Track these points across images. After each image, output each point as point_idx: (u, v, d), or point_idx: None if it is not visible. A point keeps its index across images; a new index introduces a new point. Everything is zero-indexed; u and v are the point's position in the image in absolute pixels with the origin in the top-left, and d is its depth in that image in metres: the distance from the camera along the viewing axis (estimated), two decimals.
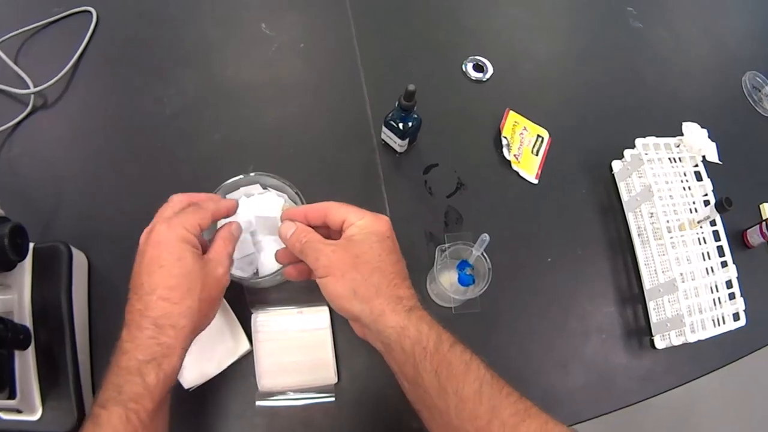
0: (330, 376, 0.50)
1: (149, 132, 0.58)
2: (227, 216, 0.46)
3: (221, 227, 0.44)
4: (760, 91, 0.83)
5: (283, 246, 0.52)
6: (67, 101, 0.58)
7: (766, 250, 0.72)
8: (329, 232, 0.43)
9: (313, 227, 0.43)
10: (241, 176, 0.52)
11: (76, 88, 0.59)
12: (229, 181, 0.52)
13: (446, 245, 0.49)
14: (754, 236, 0.69)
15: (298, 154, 0.57)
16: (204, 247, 0.41)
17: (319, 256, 0.39)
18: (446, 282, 0.51)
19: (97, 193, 0.56)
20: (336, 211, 0.41)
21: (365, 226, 0.40)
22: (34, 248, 0.49)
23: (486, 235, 0.46)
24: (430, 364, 0.34)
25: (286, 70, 0.63)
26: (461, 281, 0.49)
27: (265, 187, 0.54)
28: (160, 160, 0.57)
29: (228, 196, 0.53)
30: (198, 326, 0.38)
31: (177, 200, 0.42)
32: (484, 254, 0.48)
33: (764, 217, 0.72)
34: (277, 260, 0.46)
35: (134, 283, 0.37)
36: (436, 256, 0.48)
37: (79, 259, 0.53)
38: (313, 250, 0.39)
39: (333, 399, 0.49)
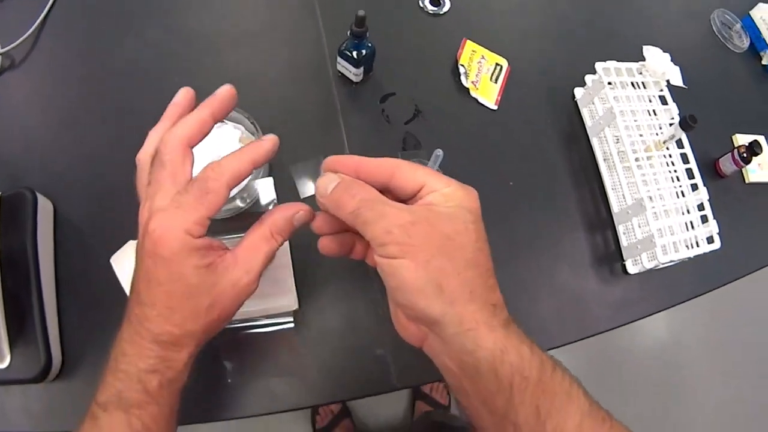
0: (291, 302, 0.49)
1: (114, 84, 0.58)
2: (258, 165, 0.33)
3: (273, 212, 0.33)
4: (730, 28, 0.82)
5: (247, 182, 0.52)
6: (34, 60, 0.59)
7: (741, 180, 0.71)
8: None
9: None
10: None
11: (42, 47, 0.59)
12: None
13: None
14: (726, 164, 0.68)
15: (256, 92, 0.57)
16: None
17: (388, 224, 0.27)
18: None
19: (64, 144, 0.56)
20: (409, 171, 0.30)
21: (453, 196, 0.29)
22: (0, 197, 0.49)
23: (440, 150, 0.46)
24: (531, 397, 0.27)
25: (245, 14, 0.63)
26: None
27: (222, 121, 0.54)
28: (124, 110, 0.57)
29: None
30: (207, 338, 0.32)
31: (169, 156, 0.31)
32: (440, 170, 0.48)
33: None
34: (314, 229, 0.35)
35: (134, 282, 0.31)
36: None
37: (45, 206, 0.53)
38: (377, 213, 0.28)
39: (292, 324, 0.48)
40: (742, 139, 0.72)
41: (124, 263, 0.50)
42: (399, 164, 0.30)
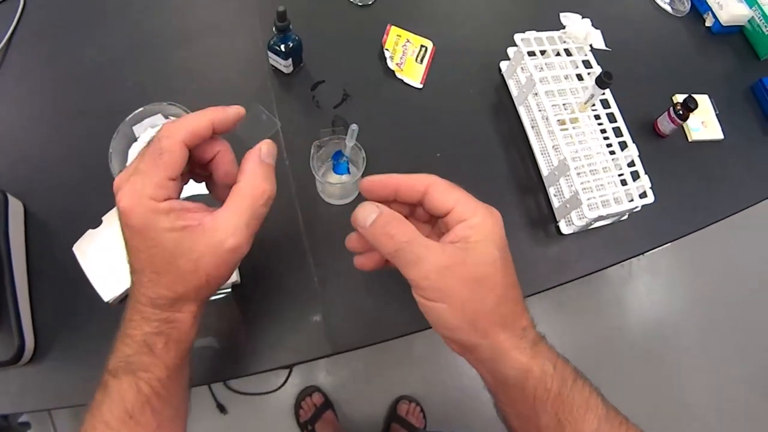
0: (232, 276, 0.53)
1: (76, 90, 0.64)
2: (222, 130, 0.32)
3: (246, 157, 0.33)
4: None
5: None
6: (3, 70, 0.65)
7: (684, 139, 0.72)
8: (415, 209, 0.35)
9: (387, 200, 0.33)
10: (141, 108, 0.57)
11: (10, 59, 0.65)
12: (132, 114, 0.57)
13: (321, 140, 0.52)
14: (664, 123, 0.69)
15: (198, 86, 0.62)
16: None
17: (425, 270, 0.29)
18: (329, 178, 0.55)
19: (32, 147, 0.61)
20: (443, 194, 0.31)
21: (482, 226, 0.31)
22: None
23: (354, 125, 0.49)
24: (552, 407, 0.30)
25: (192, 16, 0.68)
26: (335, 170, 0.52)
27: (167, 117, 0.59)
28: (85, 114, 0.63)
29: (135, 128, 0.58)
30: (205, 297, 0.32)
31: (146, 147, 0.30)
32: (358, 144, 0.51)
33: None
34: (348, 246, 0.38)
35: (125, 253, 0.31)
36: (312, 152, 0.51)
37: (15, 205, 0.58)
38: (415, 257, 0.30)
39: (229, 290, 0.52)
40: (681, 99, 0.73)
41: (85, 250, 0.55)
42: (432, 183, 0.32)
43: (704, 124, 0.73)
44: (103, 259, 0.55)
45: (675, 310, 1.52)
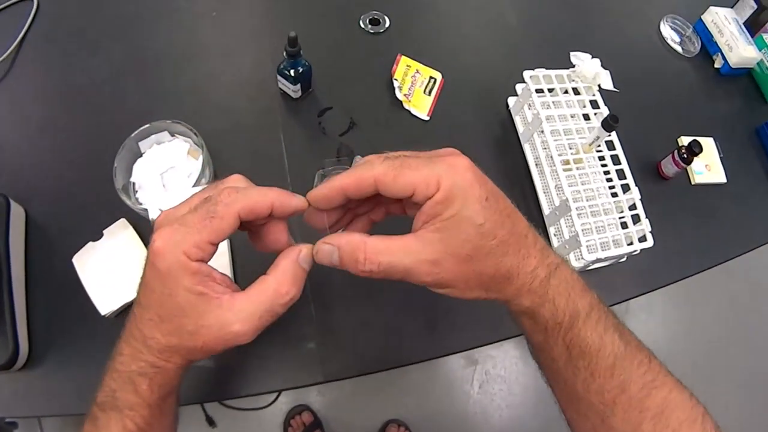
0: None
1: (82, 100, 0.64)
2: (278, 213, 0.32)
3: (283, 255, 0.33)
4: (682, 33, 0.84)
5: (186, 186, 0.57)
6: (11, 78, 0.65)
7: (687, 182, 0.72)
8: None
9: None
10: (146, 125, 0.57)
11: (19, 66, 0.66)
12: (138, 130, 0.57)
13: (325, 169, 0.52)
14: (667, 166, 0.69)
15: (206, 106, 0.63)
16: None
17: (418, 276, 0.29)
18: None
19: (36, 155, 0.62)
20: (393, 186, 0.29)
21: (451, 196, 0.28)
22: None
23: (359, 156, 0.49)
24: (563, 340, 0.31)
25: (204, 35, 0.69)
26: None
27: (173, 134, 0.60)
28: (90, 124, 0.63)
29: (141, 144, 0.59)
30: (195, 359, 0.32)
31: (194, 198, 0.31)
32: None
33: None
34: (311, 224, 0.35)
35: (138, 284, 0.31)
36: (315, 181, 0.52)
37: (17, 211, 0.58)
38: (401, 272, 0.29)
39: None
40: (687, 142, 0.73)
41: (85, 262, 0.56)
42: (377, 177, 0.29)
43: (708, 167, 0.73)
44: (102, 272, 0.55)
45: (670, 350, 1.51)
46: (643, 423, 0.30)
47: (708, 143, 0.75)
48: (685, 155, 0.67)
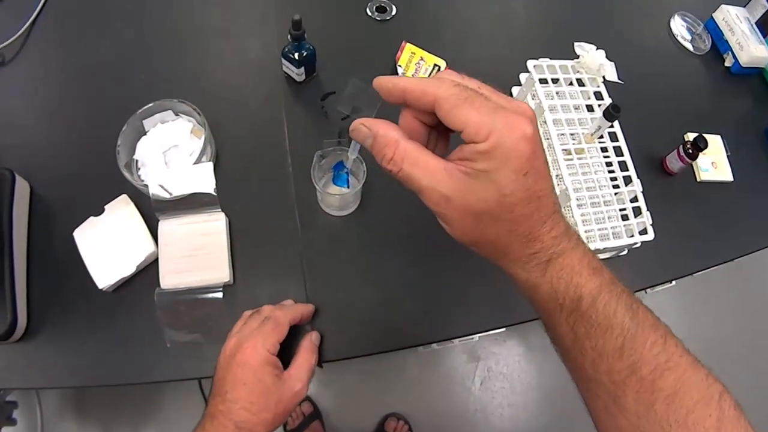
0: (224, 275, 0.54)
1: (91, 80, 0.65)
2: (304, 322, 0.53)
3: (305, 339, 0.50)
4: (693, 31, 0.83)
5: (186, 164, 0.57)
6: (22, 58, 0.67)
7: (692, 179, 0.71)
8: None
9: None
10: (151, 104, 0.58)
11: (30, 47, 0.67)
12: (143, 108, 0.58)
13: (324, 150, 0.52)
14: (672, 161, 0.68)
15: (212, 88, 0.63)
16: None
17: (426, 199, 0.29)
18: (329, 188, 0.55)
19: (45, 132, 0.63)
20: (449, 113, 0.27)
21: (493, 154, 0.26)
22: None
23: (358, 144, 0.49)
24: (566, 321, 0.31)
25: (210, 17, 0.69)
26: (335, 181, 0.52)
27: (177, 114, 0.60)
28: (98, 103, 0.64)
29: (145, 122, 0.59)
30: (274, 427, 0.44)
31: (255, 317, 0.48)
32: (361, 157, 0.51)
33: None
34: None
35: (218, 387, 0.43)
36: (314, 161, 0.52)
37: (22, 185, 0.59)
38: (417, 187, 0.29)
39: (220, 295, 0.53)
40: (692, 138, 0.72)
41: (85, 236, 0.56)
42: (439, 99, 0.28)
43: (714, 165, 0.72)
44: (101, 246, 0.56)
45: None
46: (656, 404, 0.29)
47: (715, 141, 0.74)
48: (690, 150, 0.66)
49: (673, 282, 0.70)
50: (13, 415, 1.03)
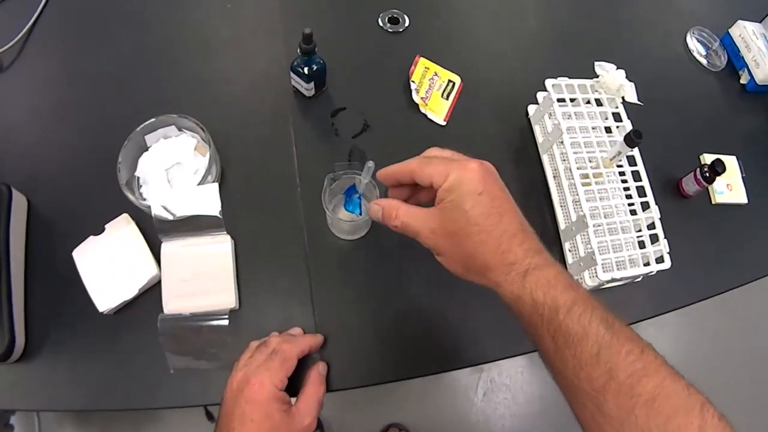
0: (230, 300, 0.51)
1: (91, 90, 0.62)
2: (312, 352, 0.50)
3: (312, 370, 0.48)
4: (709, 47, 0.80)
5: (190, 183, 0.54)
6: (19, 65, 0.63)
7: (707, 201, 0.69)
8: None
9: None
10: (153, 119, 0.55)
11: (28, 53, 0.63)
12: (144, 123, 0.55)
13: (335, 173, 0.49)
14: (689, 184, 0.66)
15: (216, 101, 0.60)
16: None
17: (421, 238, 0.38)
18: (339, 213, 0.52)
19: (42, 145, 0.59)
20: (420, 173, 0.38)
21: (452, 187, 0.36)
22: None
23: (371, 162, 0.46)
24: (547, 331, 0.34)
25: (217, 29, 0.66)
26: (346, 206, 0.49)
27: (180, 129, 0.57)
28: (98, 115, 0.61)
29: (147, 137, 0.56)
30: None
31: (263, 350, 0.46)
32: (374, 182, 0.48)
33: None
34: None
35: (224, 423, 0.42)
36: (325, 184, 0.49)
37: (19, 200, 0.56)
38: (413, 232, 0.38)
39: (226, 322, 0.50)
40: (709, 159, 0.70)
41: (85, 256, 0.53)
42: (412, 167, 0.39)
43: (729, 186, 0.70)
44: (101, 268, 0.53)
45: (680, 367, 1.47)
46: (636, 408, 0.31)
47: (730, 162, 0.71)
48: (707, 174, 0.64)
49: None
50: (10, 422, 1.01)
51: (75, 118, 0.60)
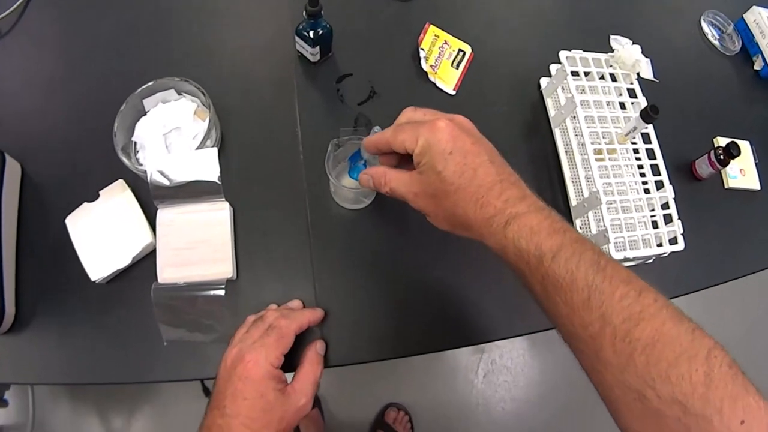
0: (227, 270, 0.48)
1: (91, 58, 0.59)
2: (312, 326, 0.47)
3: (309, 349, 0.45)
4: (723, 31, 0.77)
5: (188, 148, 0.52)
6: (17, 32, 0.60)
7: (720, 185, 0.66)
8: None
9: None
10: (151, 82, 0.52)
11: (27, 20, 0.60)
12: (142, 87, 0.52)
13: (340, 138, 0.46)
14: (702, 166, 0.63)
15: (218, 66, 0.57)
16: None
17: (408, 201, 0.38)
18: (343, 181, 0.49)
19: (39, 112, 0.56)
20: (395, 142, 0.37)
21: (423, 151, 0.35)
22: None
23: (378, 127, 0.43)
24: (534, 278, 0.33)
25: None
26: (350, 172, 0.46)
27: (180, 93, 0.54)
28: (97, 82, 0.57)
29: (145, 101, 0.53)
30: None
31: (259, 325, 0.43)
32: None
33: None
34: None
35: (217, 400, 0.39)
36: (329, 150, 0.46)
37: (12, 166, 0.53)
38: (400, 196, 0.38)
39: (223, 293, 0.47)
40: (723, 143, 0.67)
41: (78, 224, 0.50)
42: (388, 138, 0.38)
43: (742, 171, 0.67)
44: (95, 235, 0.50)
45: None
46: (635, 354, 0.29)
47: (744, 147, 0.68)
48: (722, 156, 0.61)
49: None
50: (4, 397, 0.98)
51: (73, 84, 0.57)
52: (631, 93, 0.57)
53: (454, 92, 0.59)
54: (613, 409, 0.31)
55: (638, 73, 0.57)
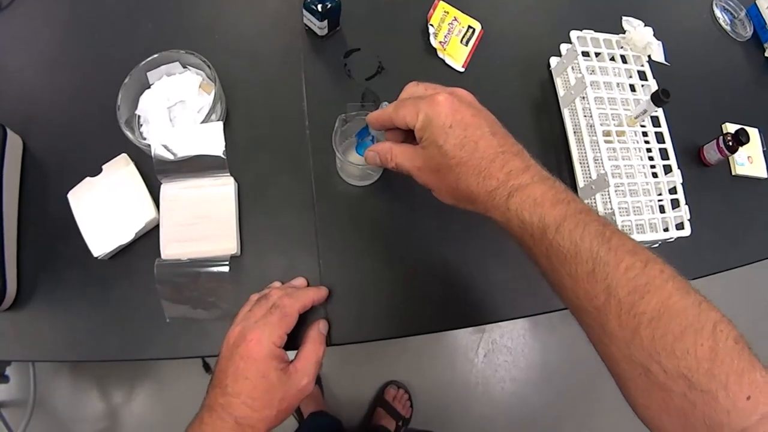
0: (231, 246, 0.47)
1: (93, 31, 0.57)
2: (316, 305, 0.46)
3: (312, 329, 0.44)
4: (735, 16, 0.75)
5: (193, 122, 0.50)
6: (18, 4, 0.58)
7: (727, 172, 0.64)
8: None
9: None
10: (156, 55, 0.50)
11: None
12: (147, 59, 0.50)
13: (347, 114, 0.45)
14: (710, 152, 0.62)
15: (224, 40, 0.55)
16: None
17: (413, 176, 0.37)
18: (350, 157, 0.48)
19: (41, 85, 0.55)
20: (396, 118, 0.37)
21: (424, 126, 0.35)
22: None
23: (386, 102, 0.42)
24: (539, 250, 0.32)
25: None
26: (358, 148, 0.45)
27: (185, 66, 0.52)
28: (100, 56, 0.56)
29: (149, 74, 0.51)
30: (275, 425, 0.39)
31: (262, 303, 0.42)
32: None
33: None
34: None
35: (219, 379, 0.38)
36: (336, 125, 0.45)
37: (14, 141, 0.52)
38: (405, 170, 0.38)
39: (226, 269, 0.46)
40: (732, 129, 0.65)
41: (81, 199, 0.49)
42: (390, 114, 0.37)
43: (750, 159, 0.66)
44: (98, 210, 0.48)
45: None
46: (640, 328, 0.28)
47: (753, 134, 0.67)
48: (730, 143, 0.59)
49: None
50: (5, 372, 0.98)
51: (76, 57, 0.55)
52: (642, 75, 0.56)
53: (462, 69, 0.57)
54: (621, 383, 0.30)
55: (649, 56, 0.56)
